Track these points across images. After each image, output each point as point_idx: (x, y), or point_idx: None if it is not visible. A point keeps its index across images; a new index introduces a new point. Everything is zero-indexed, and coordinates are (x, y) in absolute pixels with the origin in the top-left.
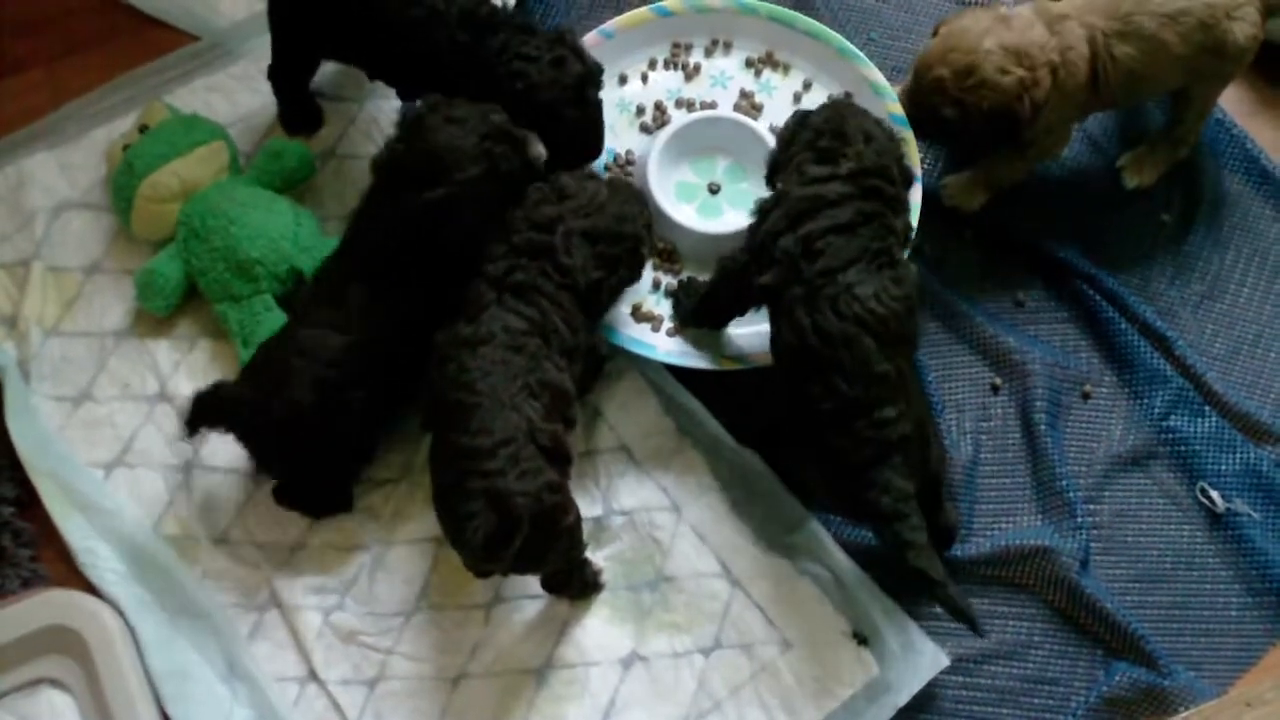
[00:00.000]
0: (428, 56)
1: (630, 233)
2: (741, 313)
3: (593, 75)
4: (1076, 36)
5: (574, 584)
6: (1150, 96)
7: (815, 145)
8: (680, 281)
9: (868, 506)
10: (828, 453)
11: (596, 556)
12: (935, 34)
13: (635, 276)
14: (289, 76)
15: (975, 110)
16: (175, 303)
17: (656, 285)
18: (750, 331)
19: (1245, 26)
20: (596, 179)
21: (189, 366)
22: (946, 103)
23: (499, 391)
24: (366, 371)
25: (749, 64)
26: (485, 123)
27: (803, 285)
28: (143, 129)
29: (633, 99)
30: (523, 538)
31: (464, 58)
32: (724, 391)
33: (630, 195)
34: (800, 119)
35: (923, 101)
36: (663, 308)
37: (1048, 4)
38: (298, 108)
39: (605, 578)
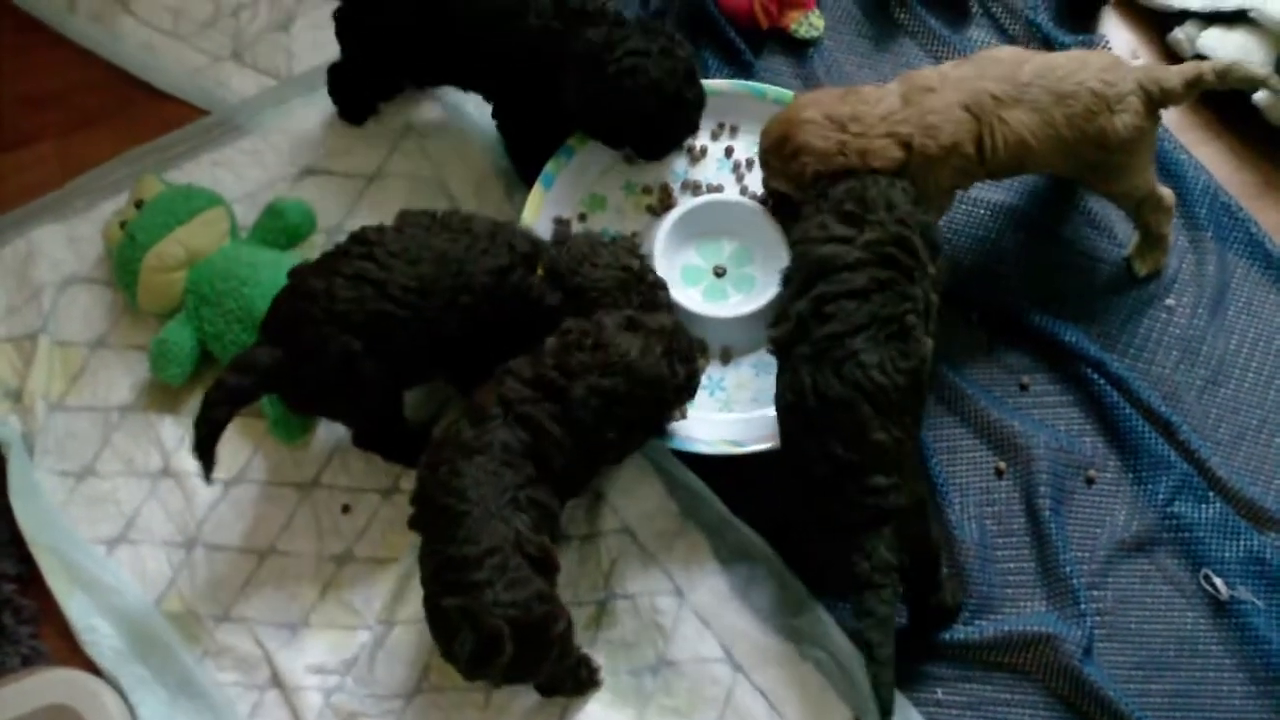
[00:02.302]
0: (514, 45)
1: (656, 397)
2: None
3: (694, 57)
4: (944, 104)
5: (568, 684)
6: (1039, 171)
7: (839, 208)
8: None
9: (848, 571)
10: (818, 514)
11: (598, 640)
12: None
13: (655, 436)
14: (352, 84)
15: (800, 179)
16: (190, 370)
17: None
18: (754, 416)
19: (1127, 118)
20: (633, 330)
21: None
22: (773, 176)
23: (488, 502)
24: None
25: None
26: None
27: (809, 345)
28: (138, 204)
29: (639, 180)
30: (509, 654)
31: (558, 46)
32: (727, 474)
33: (664, 353)
34: (824, 185)
35: (765, 181)
36: None
37: (916, 77)
38: (354, 102)
39: (605, 663)
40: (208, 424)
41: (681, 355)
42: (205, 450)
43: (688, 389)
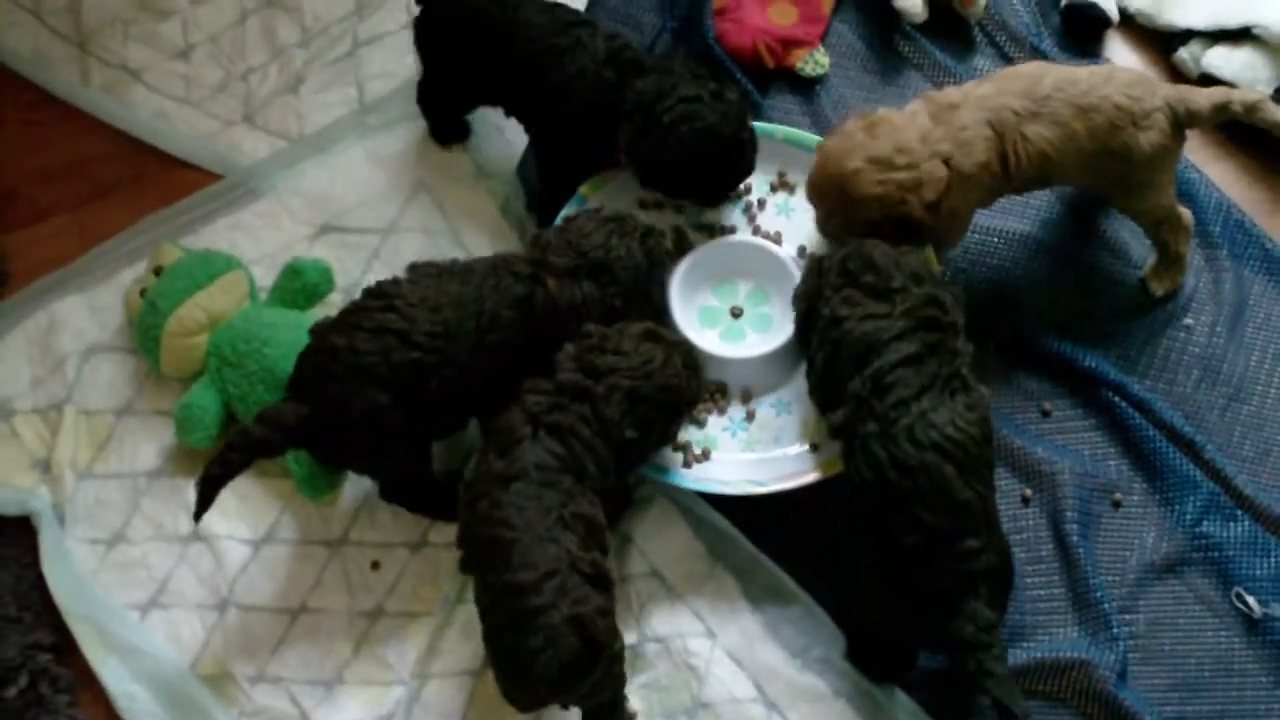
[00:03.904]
0: (567, 87)
1: (672, 404)
2: None
3: (747, 94)
4: (971, 120)
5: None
6: (1063, 184)
7: (858, 282)
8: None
9: (950, 636)
10: (911, 584)
11: (632, 684)
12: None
13: (667, 442)
14: (437, 97)
15: (864, 227)
16: (216, 433)
17: None
18: (776, 456)
19: (1152, 135)
20: (656, 341)
21: (221, 504)
22: (840, 234)
23: (535, 525)
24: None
25: (771, 188)
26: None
27: (876, 421)
28: (157, 271)
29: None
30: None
31: (609, 97)
32: (751, 514)
33: (681, 368)
34: (818, 261)
35: (826, 232)
36: (689, 434)
37: (938, 96)
38: (446, 122)
39: (640, 707)
40: (222, 464)
41: (694, 370)
42: (209, 487)
43: (695, 402)
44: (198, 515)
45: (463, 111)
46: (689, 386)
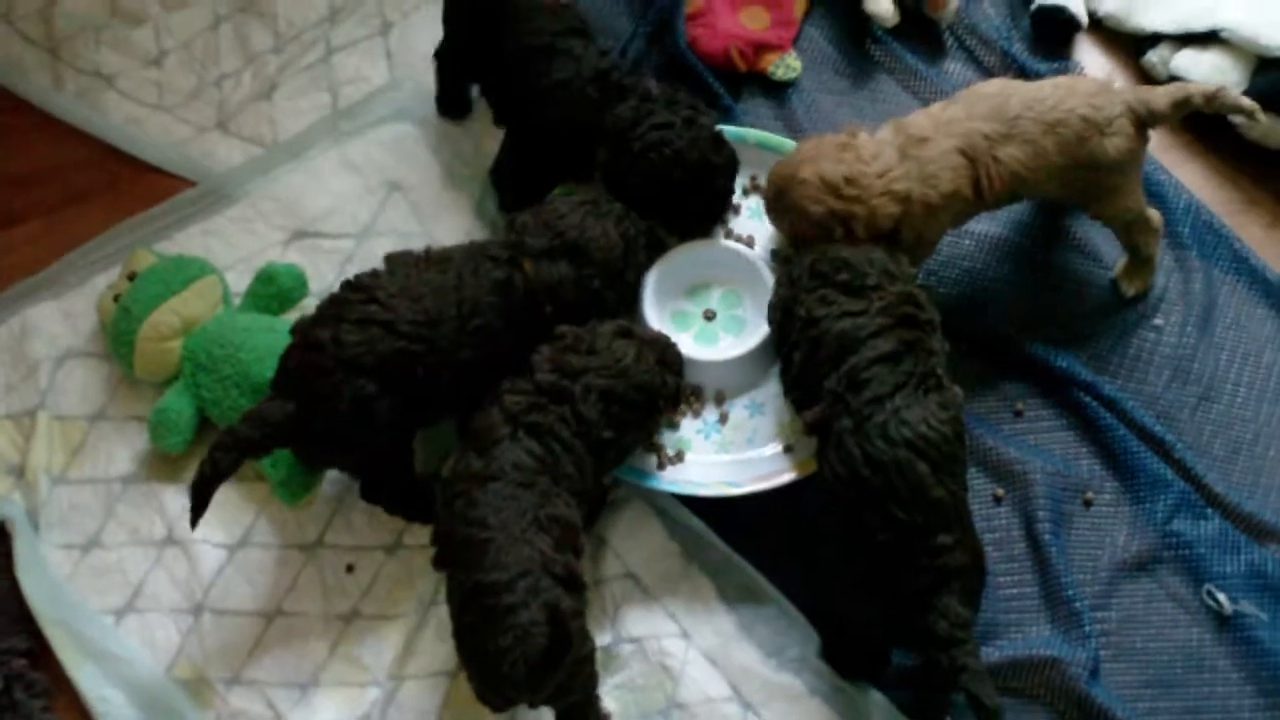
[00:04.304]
0: (549, 94)
1: (645, 402)
2: None
3: (716, 121)
4: (940, 152)
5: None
6: (1034, 197)
7: (833, 280)
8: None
9: (924, 632)
10: (885, 581)
11: (606, 685)
12: None
13: (644, 441)
14: (451, 64)
15: (795, 239)
16: (190, 438)
17: None
18: (750, 457)
19: (1118, 141)
20: (628, 338)
21: None
22: (778, 228)
23: (510, 526)
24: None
25: (744, 191)
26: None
27: (851, 417)
28: (131, 276)
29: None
30: (572, 657)
31: (588, 112)
32: (726, 515)
33: (656, 364)
34: (787, 269)
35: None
36: (663, 437)
37: (910, 126)
38: (453, 93)
39: (615, 707)
40: (213, 465)
41: (671, 367)
42: (202, 492)
43: (675, 399)
44: (194, 520)
45: (470, 80)
46: (664, 383)
